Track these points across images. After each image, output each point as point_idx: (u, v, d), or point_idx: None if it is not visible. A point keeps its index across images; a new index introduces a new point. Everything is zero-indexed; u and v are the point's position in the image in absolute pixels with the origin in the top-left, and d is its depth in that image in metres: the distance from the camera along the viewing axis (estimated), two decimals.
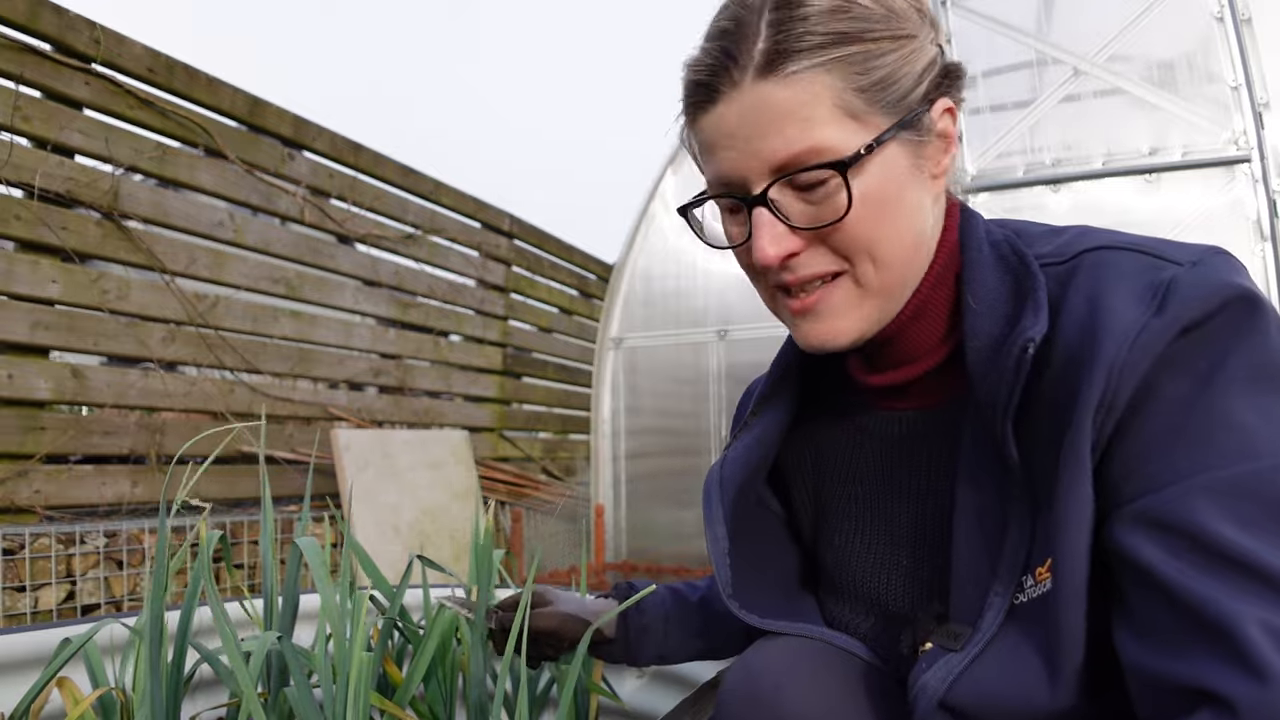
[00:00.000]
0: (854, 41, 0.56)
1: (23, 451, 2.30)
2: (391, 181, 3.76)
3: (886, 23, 0.57)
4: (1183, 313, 0.50)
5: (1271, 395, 0.49)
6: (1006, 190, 2.52)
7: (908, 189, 0.59)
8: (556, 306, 5.20)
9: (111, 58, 2.54)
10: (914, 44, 0.58)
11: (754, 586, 0.71)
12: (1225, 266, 0.53)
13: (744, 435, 0.74)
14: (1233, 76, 2.34)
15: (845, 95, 0.56)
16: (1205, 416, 0.49)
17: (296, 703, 0.81)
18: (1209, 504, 0.47)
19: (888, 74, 0.57)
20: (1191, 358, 0.50)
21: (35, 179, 2.31)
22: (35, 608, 2.07)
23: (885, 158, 0.57)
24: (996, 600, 0.56)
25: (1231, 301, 0.51)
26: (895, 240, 0.59)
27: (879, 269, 0.59)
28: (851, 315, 0.61)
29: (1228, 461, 0.48)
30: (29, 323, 2.33)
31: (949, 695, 0.57)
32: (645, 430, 3.11)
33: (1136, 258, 0.55)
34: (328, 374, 3.40)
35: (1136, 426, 0.51)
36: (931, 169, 0.60)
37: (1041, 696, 0.53)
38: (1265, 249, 2.26)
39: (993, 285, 0.59)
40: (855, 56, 0.56)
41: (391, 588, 1.04)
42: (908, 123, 0.58)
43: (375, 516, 2.86)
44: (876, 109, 0.57)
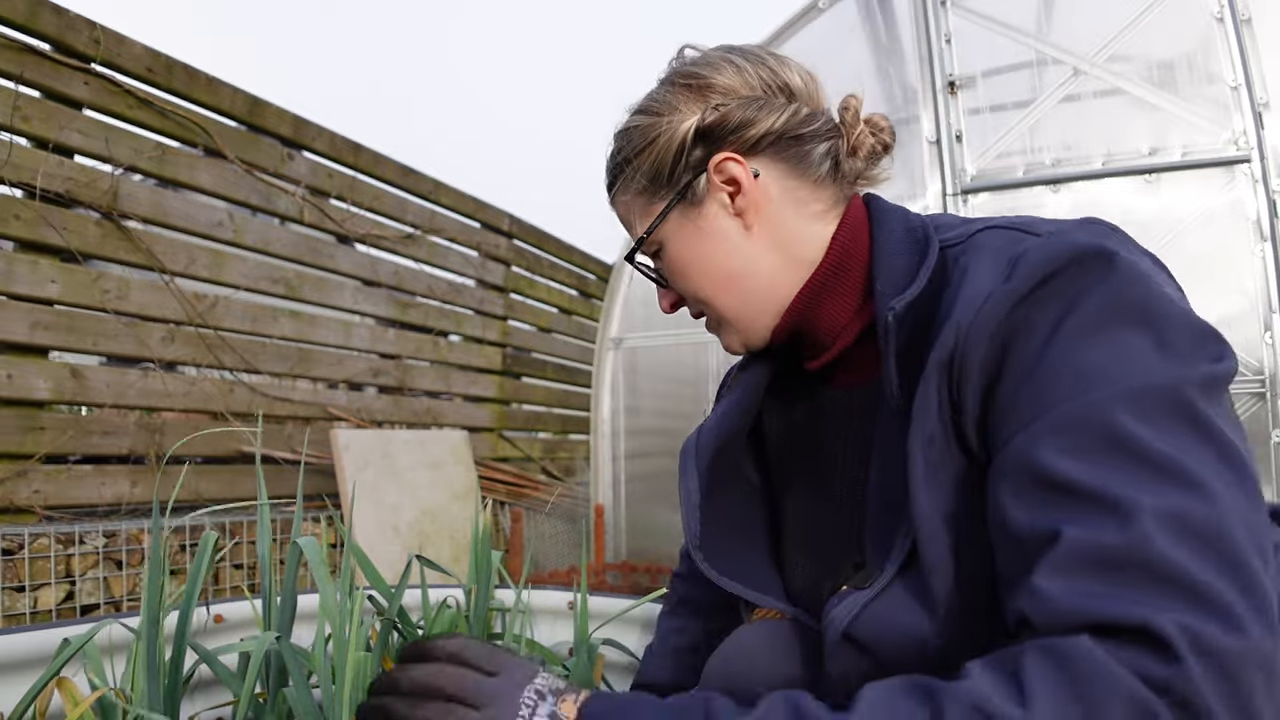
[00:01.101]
0: (626, 165, 0.75)
1: (22, 451, 2.29)
2: (391, 181, 3.76)
3: (644, 134, 0.74)
4: (1028, 277, 0.56)
5: (1113, 333, 0.53)
6: (1006, 190, 2.52)
7: (700, 246, 0.74)
8: (556, 306, 5.20)
9: (111, 57, 2.54)
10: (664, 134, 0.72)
11: (721, 545, 0.79)
12: (1082, 232, 0.58)
13: (719, 405, 0.83)
14: (1233, 76, 2.34)
15: (640, 200, 0.76)
16: (1049, 367, 0.53)
17: (295, 703, 0.80)
18: (1046, 441, 0.51)
19: (652, 172, 0.74)
20: (1037, 318, 0.55)
21: (35, 179, 2.31)
22: (34, 608, 2.07)
23: (667, 233, 0.75)
24: (900, 546, 0.63)
25: (1076, 259, 0.55)
26: (709, 287, 0.75)
27: (716, 308, 0.75)
28: (728, 337, 0.78)
29: (1064, 401, 0.52)
30: (28, 323, 2.32)
31: (851, 627, 0.64)
32: (645, 430, 3.11)
33: (1007, 234, 0.62)
34: (327, 374, 3.40)
35: (998, 391, 0.56)
36: (729, 213, 0.73)
37: (923, 628, 0.60)
38: (1265, 249, 2.26)
39: (899, 265, 0.67)
40: (630, 174, 0.75)
41: (390, 588, 1.04)
42: (677, 198, 0.73)
43: (375, 516, 2.86)
44: (660, 197, 0.74)
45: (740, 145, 0.72)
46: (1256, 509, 0.48)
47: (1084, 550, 0.47)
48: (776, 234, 0.73)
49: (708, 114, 0.71)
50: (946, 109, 2.61)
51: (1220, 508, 0.46)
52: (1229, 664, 0.42)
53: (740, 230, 0.73)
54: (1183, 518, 0.46)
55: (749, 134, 0.71)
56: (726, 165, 0.71)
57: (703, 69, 0.73)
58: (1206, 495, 0.47)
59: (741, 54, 0.75)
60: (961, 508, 0.59)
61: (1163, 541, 0.45)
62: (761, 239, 0.73)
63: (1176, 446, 0.48)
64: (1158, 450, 0.48)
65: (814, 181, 0.73)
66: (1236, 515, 0.47)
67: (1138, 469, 0.48)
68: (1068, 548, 0.47)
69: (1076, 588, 0.46)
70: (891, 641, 0.62)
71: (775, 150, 0.72)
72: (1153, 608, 0.44)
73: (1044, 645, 0.45)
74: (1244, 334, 2.25)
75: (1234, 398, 2.23)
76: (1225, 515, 0.46)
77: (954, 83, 2.62)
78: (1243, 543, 0.46)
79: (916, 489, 0.60)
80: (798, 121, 0.72)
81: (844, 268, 0.72)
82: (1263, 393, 2.23)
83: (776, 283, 0.73)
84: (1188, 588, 0.44)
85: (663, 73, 0.77)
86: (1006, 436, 0.54)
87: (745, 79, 0.73)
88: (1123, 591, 0.45)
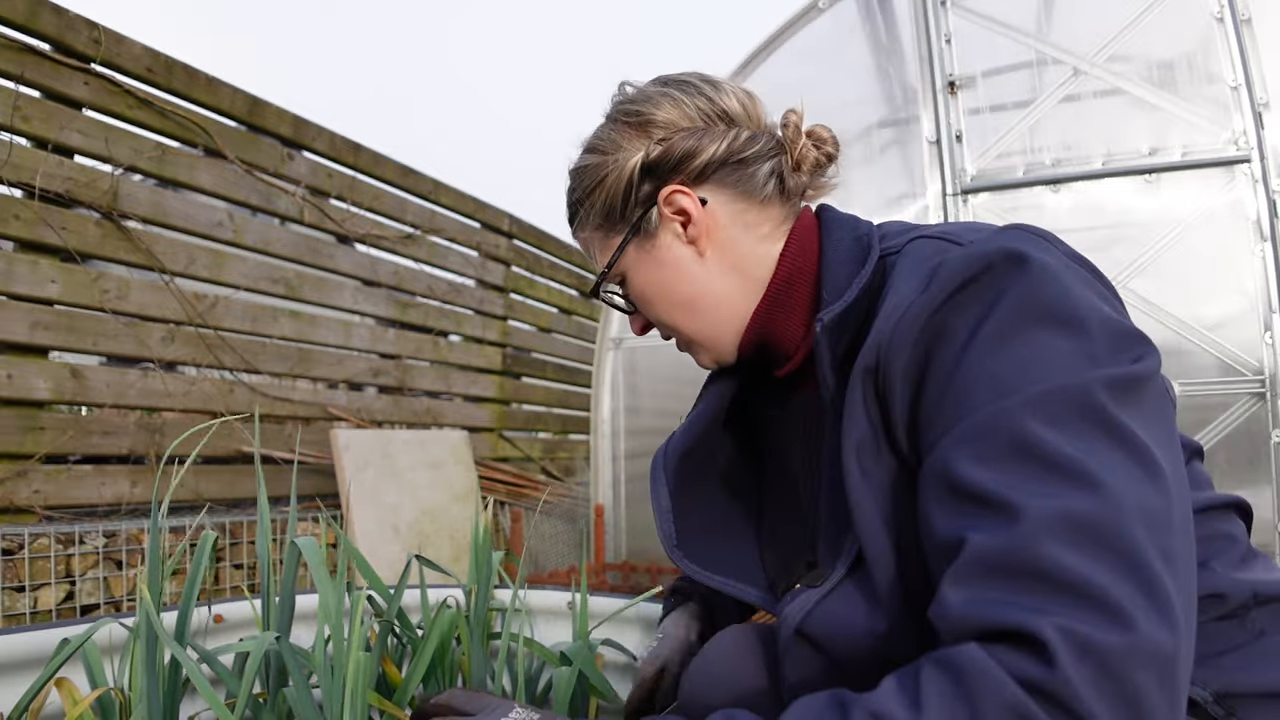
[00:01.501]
0: (581, 203, 0.79)
1: (22, 451, 2.29)
2: (391, 181, 3.76)
3: (594, 173, 0.77)
4: (943, 287, 0.58)
5: (1027, 335, 0.54)
6: (1006, 190, 2.52)
7: (659, 274, 0.77)
8: (556, 306, 5.20)
9: (111, 57, 2.54)
10: (612, 172, 0.76)
11: (701, 540, 0.82)
12: (1002, 238, 0.59)
13: (690, 413, 0.87)
14: (1233, 76, 2.34)
15: (599, 235, 0.79)
16: (966, 373, 0.55)
17: (295, 703, 0.80)
18: (960, 450, 0.53)
19: (606, 209, 0.77)
20: (956, 323, 0.57)
21: (35, 179, 2.31)
22: (34, 608, 2.07)
23: (629, 264, 0.78)
24: (849, 547, 0.65)
25: (990, 264, 0.57)
26: (672, 313, 0.78)
27: (680, 330, 0.79)
28: (700, 356, 0.82)
29: (979, 408, 0.53)
30: (28, 323, 2.32)
31: (803, 624, 0.67)
32: (645, 430, 3.11)
33: (933, 243, 0.64)
34: (327, 374, 3.40)
35: (922, 397, 0.58)
36: (683, 241, 0.76)
37: (872, 625, 0.63)
38: (1265, 249, 2.26)
39: (843, 276, 0.70)
40: (586, 210, 0.79)
41: (389, 588, 1.04)
42: (632, 231, 0.76)
43: (375, 516, 2.86)
44: (615, 232, 0.78)
45: (686, 176, 0.74)
46: (1166, 507, 0.49)
47: (980, 557, 0.49)
48: (729, 256, 0.76)
49: (651, 149, 0.75)
50: (946, 109, 2.61)
51: (1118, 508, 0.47)
52: (1112, 663, 0.43)
53: (694, 257, 0.76)
54: (1077, 520, 0.47)
55: (693, 164, 0.74)
56: (675, 197, 0.74)
57: (642, 105, 0.76)
58: (1106, 496, 0.48)
59: (679, 86, 0.77)
60: (898, 509, 0.62)
61: (1054, 545, 0.46)
62: (715, 263, 0.76)
63: (1082, 449, 0.49)
64: (1062, 454, 0.49)
65: (760, 202, 0.76)
66: (1137, 515, 0.47)
67: (1040, 474, 0.49)
68: (967, 555, 0.50)
69: (971, 595, 0.48)
70: (843, 639, 0.65)
71: (720, 176, 0.75)
72: (1035, 611, 0.45)
73: (938, 656, 0.48)
74: (1244, 334, 2.25)
75: (1234, 398, 2.24)
76: (1123, 515, 0.47)
77: (954, 83, 2.62)
78: (1141, 542, 0.46)
79: (853, 493, 0.62)
80: (739, 146, 0.74)
81: (793, 282, 0.75)
82: (1263, 393, 2.23)
83: (734, 302, 0.76)
84: (1074, 589, 0.45)
85: (606, 110, 0.80)
86: (930, 442, 0.57)
87: (684, 110, 0.76)
88: (1012, 597, 0.47)
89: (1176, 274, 2.30)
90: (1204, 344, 2.27)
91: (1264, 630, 0.62)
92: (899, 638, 0.62)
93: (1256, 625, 0.62)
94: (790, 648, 0.68)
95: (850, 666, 0.65)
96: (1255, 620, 0.62)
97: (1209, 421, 2.25)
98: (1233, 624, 0.62)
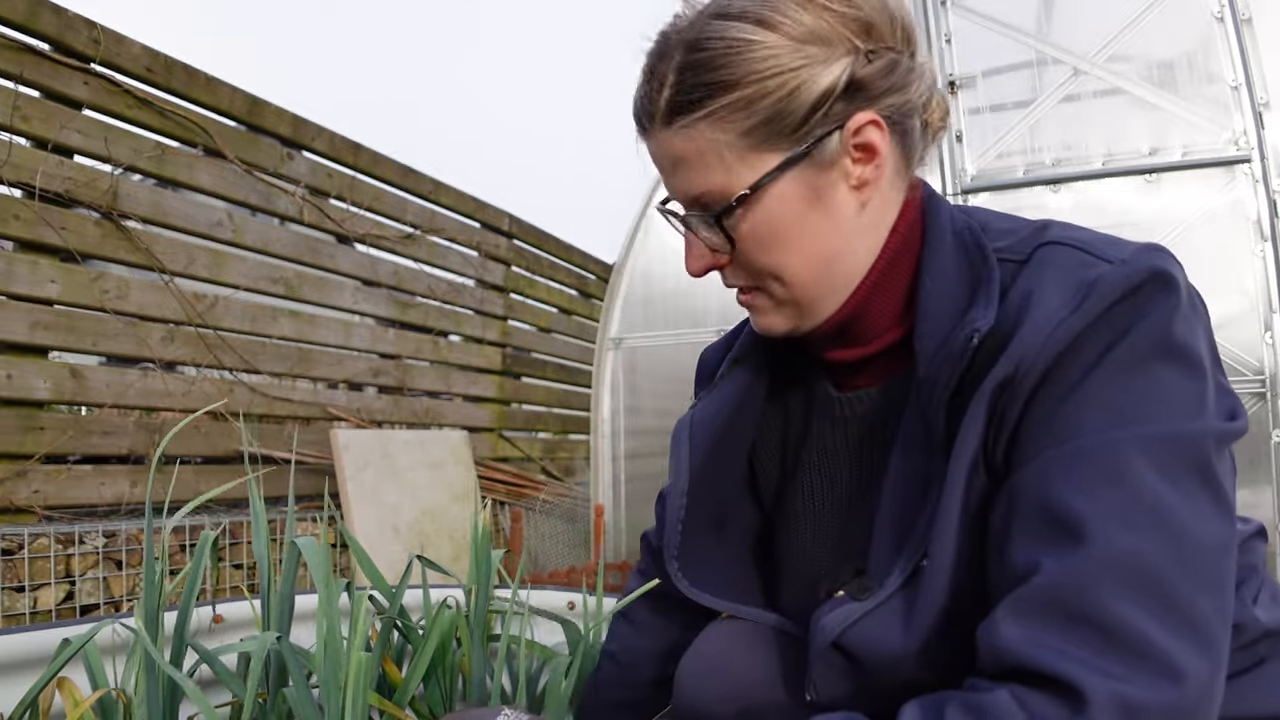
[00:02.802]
0: (735, 88, 0.59)
1: (22, 451, 2.29)
2: (391, 181, 3.76)
3: (776, 59, 0.58)
4: (1094, 307, 0.53)
5: (1152, 370, 0.52)
6: (1006, 190, 2.52)
7: (808, 217, 0.62)
8: (556, 306, 5.20)
9: (110, 57, 2.54)
10: (805, 74, 0.59)
11: (696, 548, 0.75)
12: (1152, 258, 0.55)
13: (714, 393, 0.76)
14: (1233, 76, 2.34)
15: (734, 141, 0.60)
16: (1083, 396, 0.52)
17: (295, 703, 0.80)
18: (1060, 472, 0.51)
19: (773, 113, 0.59)
20: (1087, 344, 0.53)
21: (34, 179, 2.31)
22: (34, 608, 2.07)
23: (776, 193, 0.61)
24: (902, 563, 0.60)
25: (1140, 286, 0.53)
26: (797, 264, 0.63)
27: (787, 287, 0.65)
28: (777, 317, 0.67)
29: (1088, 433, 0.51)
30: (28, 323, 2.32)
31: (842, 637, 0.62)
32: (645, 430, 3.11)
33: (1076, 254, 0.57)
34: (327, 374, 3.40)
35: (1029, 412, 0.54)
36: (850, 183, 0.62)
37: (911, 647, 0.59)
38: (1265, 249, 2.26)
39: (951, 272, 0.62)
40: (737, 103, 0.59)
41: (391, 588, 1.04)
42: (801, 155, 0.60)
43: (375, 516, 2.86)
44: (769, 146, 0.60)
45: (881, 109, 0.61)
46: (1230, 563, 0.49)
47: (1045, 590, 0.48)
48: (881, 217, 0.65)
49: (861, 62, 0.59)
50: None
51: (1192, 564, 0.47)
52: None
53: (855, 206, 0.63)
54: (1149, 567, 0.47)
55: (893, 100, 0.61)
56: (867, 130, 0.60)
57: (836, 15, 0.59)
58: (1185, 549, 0.47)
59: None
60: (975, 526, 0.58)
61: (1120, 593, 0.46)
62: (869, 219, 0.64)
63: (1176, 497, 0.49)
64: (1159, 499, 0.48)
65: (910, 164, 0.66)
66: (1209, 573, 0.48)
67: (1131, 512, 0.48)
68: (1035, 585, 0.49)
69: (1027, 633, 0.48)
70: (878, 656, 0.61)
71: (901, 121, 0.63)
72: (1086, 666, 0.45)
73: (966, 700, 0.48)
74: (1244, 334, 2.25)
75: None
76: (1195, 573, 0.47)
77: (954, 83, 2.62)
78: (1205, 601, 0.47)
79: (947, 507, 0.57)
80: (922, 91, 0.63)
81: (897, 263, 0.65)
82: (1263, 393, 2.23)
83: (861, 268, 0.65)
84: (1133, 648, 0.45)
85: None
86: (1027, 457, 0.54)
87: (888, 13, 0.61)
88: (1067, 646, 0.46)
89: None
90: None
91: (1264, 658, 0.62)
92: (937, 662, 0.59)
93: (1258, 653, 0.62)
94: (822, 656, 0.64)
95: (885, 682, 0.62)
96: (1258, 649, 0.62)
97: None
98: (1237, 653, 0.61)
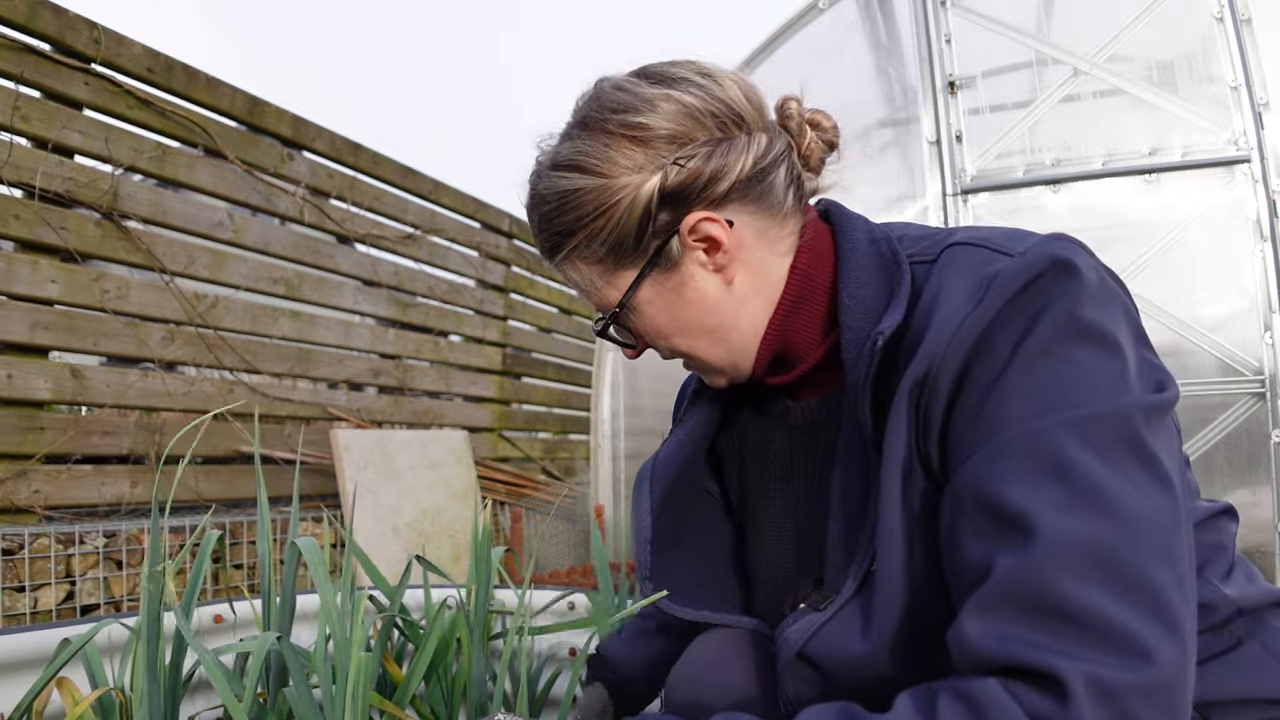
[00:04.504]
0: (576, 234, 0.68)
1: (22, 451, 2.29)
2: (391, 181, 3.76)
3: (594, 199, 0.66)
4: (997, 300, 0.55)
5: (1069, 353, 0.53)
6: (1006, 190, 2.52)
7: (680, 309, 0.69)
8: (556, 306, 5.20)
9: (111, 58, 2.54)
10: (624, 203, 0.65)
11: (673, 568, 0.78)
12: (1051, 246, 0.57)
13: (677, 430, 0.82)
14: (1233, 76, 2.34)
15: (597, 270, 0.69)
16: (1004, 390, 0.54)
17: (296, 703, 0.80)
18: (994, 467, 0.52)
19: (613, 242, 0.67)
20: (999, 337, 0.55)
21: (35, 179, 2.31)
22: (35, 608, 2.07)
23: (644, 299, 0.69)
24: (855, 569, 0.63)
25: (1041, 274, 0.55)
26: (690, 344, 0.71)
27: (698, 358, 0.72)
28: (714, 377, 0.75)
29: (1016, 424, 0.52)
30: (29, 323, 2.32)
31: (806, 647, 0.65)
32: (645, 430, 3.11)
33: (977, 252, 0.61)
34: (327, 374, 3.40)
35: (955, 413, 0.56)
36: (709, 270, 0.68)
37: (873, 651, 0.61)
38: (1265, 249, 2.26)
39: (866, 283, 0.66)
40: (582, 244, 0.68)
41: (392, 588, 1.04)
42: (649, 265, 0.68)
43: (375, 516, 2.86)
44: (624, 265, 0.68)
45: (710, 200, 0.66)
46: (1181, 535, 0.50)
47: (1003, 586, 0.49)
48: (754, 278, 0.69)
49: (670, 172, 0.64)
50: (946, 109, 2.61)
51: (1139, 539, 0.48)
52: (1128, 702, 0.45)
53: (721, 285, 0.68)
54: (1100, 549, 0.48)
55: (718, 188, 0.65)
56: (702, 226, 0.66)
57: (643, 114, 0.65)
58: (1128, 526, 0.48)
59: (677, 85, 0.66)
60: (922, 529, 0.60)
61: (1076, 578, 0.47)
62: (742, 287, 0.69)
63: (1113, 476, 0.50)
64: (1094, 480, 0.49)
65: (782, 217, 0.69)
66: (1157, 545, 0.48)
67: (1070, 497, 0.49)
68: (992, 584, 0.50)
69: (994, 630, 0.49)
70: (842, 662, 0.63)
71: (743, 193, 0.66)
72: (1058, 653, 0.46)
73: (957, 687, 0.49)
74: (1244, 334, 2.25)
75: (1234, 398, 2.24)
76: (1145, 547, 0.48)
77: (954, 83, 2.62)
78: (1160, 573, 0.48)
79: (886, 511, 0.59)
80: (759, 154, 0.66)
81: (809, 293, 0.70)
82: (1263, 393, 2.23)
83: (757, 324, 0.71)
84: (1098, 629, 0.46)
85: (582, 112, 0.68)
86: (963, 457, 0.55)
87: (694, 118, 0.65)
88: (1035, 636, 0.47)
89: (1176, 274, 2.30)
90: (1204, 344, 2.27)
91: (1241, 639, 0.63)
92: (900, 661, 0.61)
93: (1234, 635, 0.63)
94: (789, 668, 0.67)
95: (850, 687, 0.64)
96: (1233, 630, 0.63)
97: (1209, 421, 2.25)
98: (1212, 635, 0.63)
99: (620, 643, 1.01)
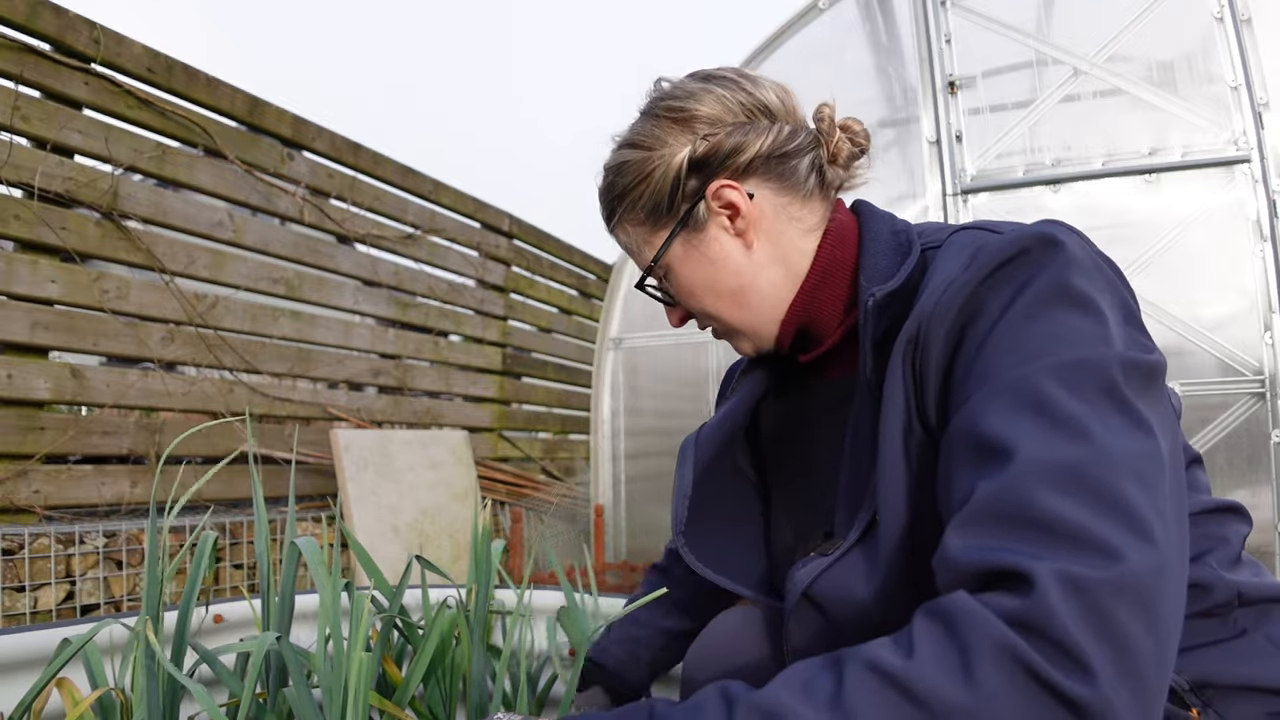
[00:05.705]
0: (625, 196, 0.80)
1: (22, 451, 2.29)
2: (391, 181, 3.76)
3: (637, 169, 0.78)
4: (983, 266, 0.61)
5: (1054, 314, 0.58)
6: (1006, 190, 2.52)
7: (704, 268, 0.79)
8: (556, 306, 5.20)
9: (111, 58, 2.54)
10: (660, 169, 0.77)
11: (706, 533, 0.85)
12: (1038, 226, 0.62)
13: (723, 407, 0.89)
14: (1233, 76, 2.34)
15: (641, 231, 0.81)
16: (993, 347, 0.59)
17: (295, 703, 0.80)
18: (983, 408, 0.56)
19: (652, 204, 0.78)
20: (990, 300, 0.61)
21: (35, 179, 2.31)
22: (34, 608, 2.07)
23: (675, 257, 0.79)
24: (861, 517, 0.69)
25: (1027, 249, 0.60)
26: (714, 303, 0.80)
27: (724, 320, 0.81)
28: (741, 343, 0.83)
29: (1003, 373, 0.57)
30: (28, 323, 2.32)
31: (811, 589, 0.71)
32: (645, 430, 3.11)
33: (974, 233, 0.68)
34: (327, 374, 3.40)
35: (954, 367, 0.61)
36: (730, 234, 0.77)
37: (873, 592, 0.67)
38: (1265, 249, 2.26)
39: (884, 269, 0.73)
40: (629, 206, 0.80)
41: (391, 588, 1.04)
42: (680, 225, 0.78)
43: (375, 516, 2.86)
44: (661, 226, 0.79)
45: (733, 171, 0.76)
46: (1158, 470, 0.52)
47: (981, 503, 0.52)
48: (775, 248, 0.78)
49: (698, 145, 0.76)
50: (946, 109, 2.61)
51: (1110, 460, 0.50)
52: (1099, 597, 0.45)
53: (742, 249, 0.78)
54: (1072, 467, 0.50)
55: (739, 159, 0.76)
56: (723, 192, 0.76)
57: (685, 101, 0.77)
58: (1099, 448, 0.51)
59: (718, 81, 0.78)
60: (920, 481, 0.65)
61: (1049, 491, 0.49)
62: (762, 254, 0.78)
63: (1086, 410, 0.53)
64: (1068, 411, 0.53)
65: (803, 196, 0.78)
66: (1128, 469, 0.50)
67: (1045, 427, 0.53)
68: (972, 503, 0.53)
69: (970, 541, 0.51)
70: (844, 603, 0.69)
71: (765, 170, 0.76)
72: (1029, 556, 0.48)
73: (928, 607, 0.51)
74: (1244, 334, 2.25)
75: (1234, 398, 2.24)
76: (1115, 467, 0.50)
77: (954, 83, 2.62)
78: (1130, 489, 0.49)
79: (884, 462, 0.65)
80: (782, 140, 0.76)
81: (833, 272, 0.77)
82: (1262, 393, 2.23)
83: (779, 292, 0.78)
84: (1069, 534, 0.48)
85: (643, 105, 0.81)
86: (956, 406, 0.60)
87: (726, 106, 0.77)
88: (1008, 544, 0.49)
89: (1176, 274, 2.30)
90: (1204, 344, 2.27)
91: (1245, 629, 0.66)
92: (900, 605, 0.63)
93: (1238, 624, 0.66)
94: (796, 611, 0.72)
95: (852, 632, 0.68)
96: (1237, 620, 0.66)
97: (1209, 421, 2.25)
98: (1215, 621, 0.66)
99: (612, 646, 1.06)
